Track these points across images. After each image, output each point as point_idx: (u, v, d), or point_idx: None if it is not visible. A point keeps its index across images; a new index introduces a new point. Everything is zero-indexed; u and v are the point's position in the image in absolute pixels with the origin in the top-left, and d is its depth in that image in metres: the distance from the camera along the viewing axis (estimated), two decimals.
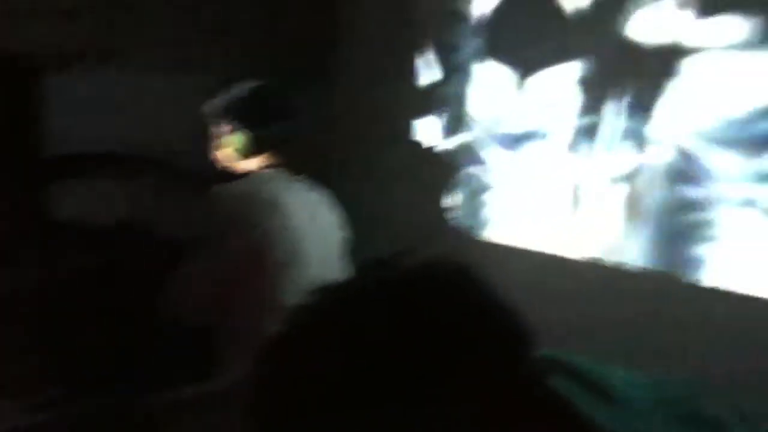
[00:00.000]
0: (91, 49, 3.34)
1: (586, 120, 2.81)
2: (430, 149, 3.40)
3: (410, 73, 3.47)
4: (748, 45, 2.31)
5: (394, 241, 3.18)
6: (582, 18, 2.84)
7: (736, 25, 2.34)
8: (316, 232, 2.43)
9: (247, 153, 2.44)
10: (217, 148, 2.49)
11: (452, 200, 3.30)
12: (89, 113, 3.24)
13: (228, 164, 2.48)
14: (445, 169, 3.32)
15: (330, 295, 0.82)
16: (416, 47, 3.45)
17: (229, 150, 2.46)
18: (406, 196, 3.41)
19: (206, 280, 2.32)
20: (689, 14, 2.49)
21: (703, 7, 2.45)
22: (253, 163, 2.45)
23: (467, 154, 3.25)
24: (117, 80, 3.33)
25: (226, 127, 2.45)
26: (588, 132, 2.81)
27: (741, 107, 2.32)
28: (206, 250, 2.34)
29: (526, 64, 2.97)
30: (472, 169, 3.22)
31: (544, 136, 2.93)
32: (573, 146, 2.84)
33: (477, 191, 3.20)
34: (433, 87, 3.41)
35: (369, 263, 0.88)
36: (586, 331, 2.51)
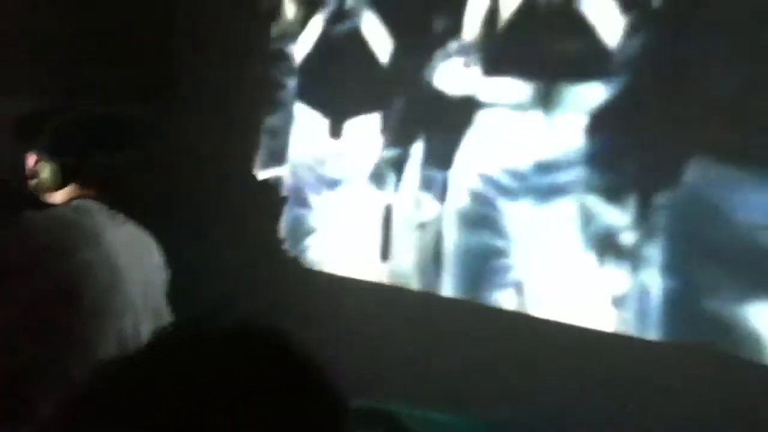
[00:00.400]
0: None
1: (396, 164, 3.01)
2: (263, 182, 3.48)
3: (242, 106, 3.56)
4: (527, 105, 2.56)
5: (226, 278, 3.25)
6: (392, 67, 3.04)
7: (517, 87, 2.59)
8: (137, 270, 2.32)
9: (60, 182, 2.33)
10: (32, 175, 2.38)
11: (283, 232, 3.40)
12: None
13: (42, 192, 2.37)
14: (277, 201, 3.41)
15: (138, 355, 0.81)
16: (247, 82, 3.53)
17: (42, 178, 2.35)
18: (239, 229, 3.47)
19: (9, 315, 2.14)
20: (478, 72, 2.73)
21: (488, 68, 2.69)
22: (69, 193, 2.34)
23: (290, 190, 3.37)
24: None
25: (38, 155, 2.35)
26: (398, 175, 3.00)
27: (525, 160, 2.57)
28: (12, 282, 2.15)
29: (340, 109, 3.13)
30: (297, 205, 3.35)
31: (357, 179, 3.10)
32: (384, 188, 3.03)
33: (303, 226, 3.32)
34: (261, 122, 3.50)
35: (180, 324, 0.91)
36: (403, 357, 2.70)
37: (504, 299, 2.64)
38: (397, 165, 2.99)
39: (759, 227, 2.04)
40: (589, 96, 2.40)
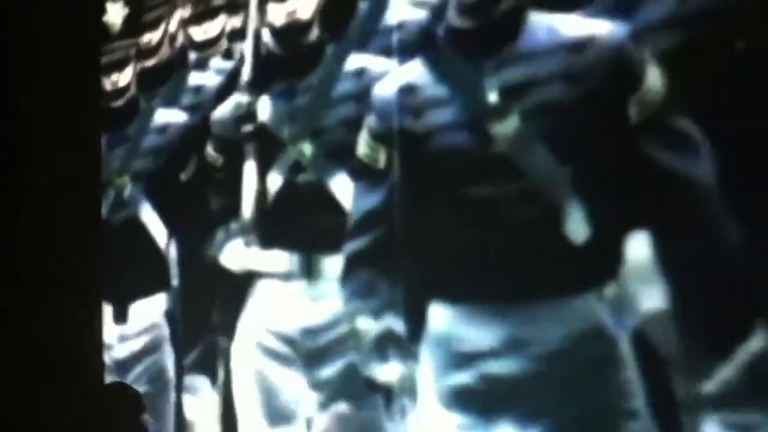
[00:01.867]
0: None
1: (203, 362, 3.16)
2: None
3: None
4: (291, 275, 2.83)
5: None
6: (174, 249, 3.25)
7: (283, 259, 2.86)
8: None
9: None
10: None
11: None
12: None
13: None
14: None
15: None
16: None
17: None
18: None
19: None
20: (256, 248, 2.99)
21: (262, 242, 2.96)
22: None
23: None
24: None
25: None
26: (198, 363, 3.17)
27: (294, 326, 2.80)
28: None
29: (122, 295, 3.29)
30: None
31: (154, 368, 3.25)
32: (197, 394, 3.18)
33: None
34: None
35: None
36: None
37: None
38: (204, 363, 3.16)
39: (485, 355, 2.32)
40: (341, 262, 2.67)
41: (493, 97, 2.31)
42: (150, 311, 3.25)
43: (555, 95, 2.22)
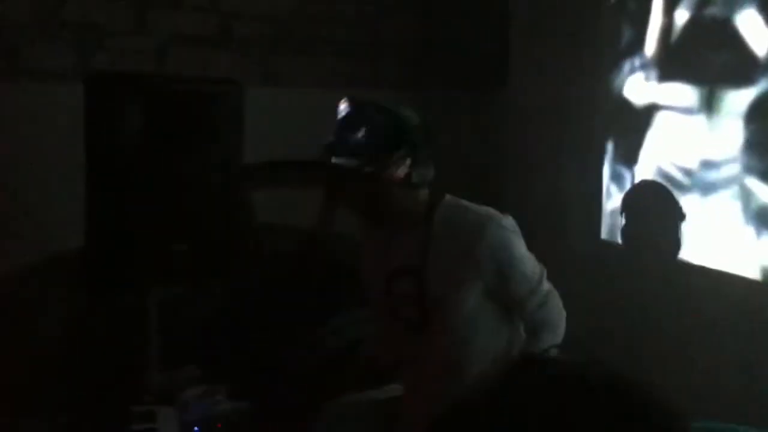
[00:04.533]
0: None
1: None
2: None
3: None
4: (693, 109, 2.92)
5: None
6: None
7: (684, 92, 2.96)
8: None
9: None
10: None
11: None
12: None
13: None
14: None
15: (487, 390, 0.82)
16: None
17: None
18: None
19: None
20: (654, 81, 3.13)
21: (660, 76, 3.09)
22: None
23: None
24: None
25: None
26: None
27: (691, 159, 2.93)
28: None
29: None
30: None
31: None
32: None
33: None
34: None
35: (523, 359, 0.94)
36: None
37: None
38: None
39: None
40: (743, 98, 2.71)
41: None
42: None
43: None
